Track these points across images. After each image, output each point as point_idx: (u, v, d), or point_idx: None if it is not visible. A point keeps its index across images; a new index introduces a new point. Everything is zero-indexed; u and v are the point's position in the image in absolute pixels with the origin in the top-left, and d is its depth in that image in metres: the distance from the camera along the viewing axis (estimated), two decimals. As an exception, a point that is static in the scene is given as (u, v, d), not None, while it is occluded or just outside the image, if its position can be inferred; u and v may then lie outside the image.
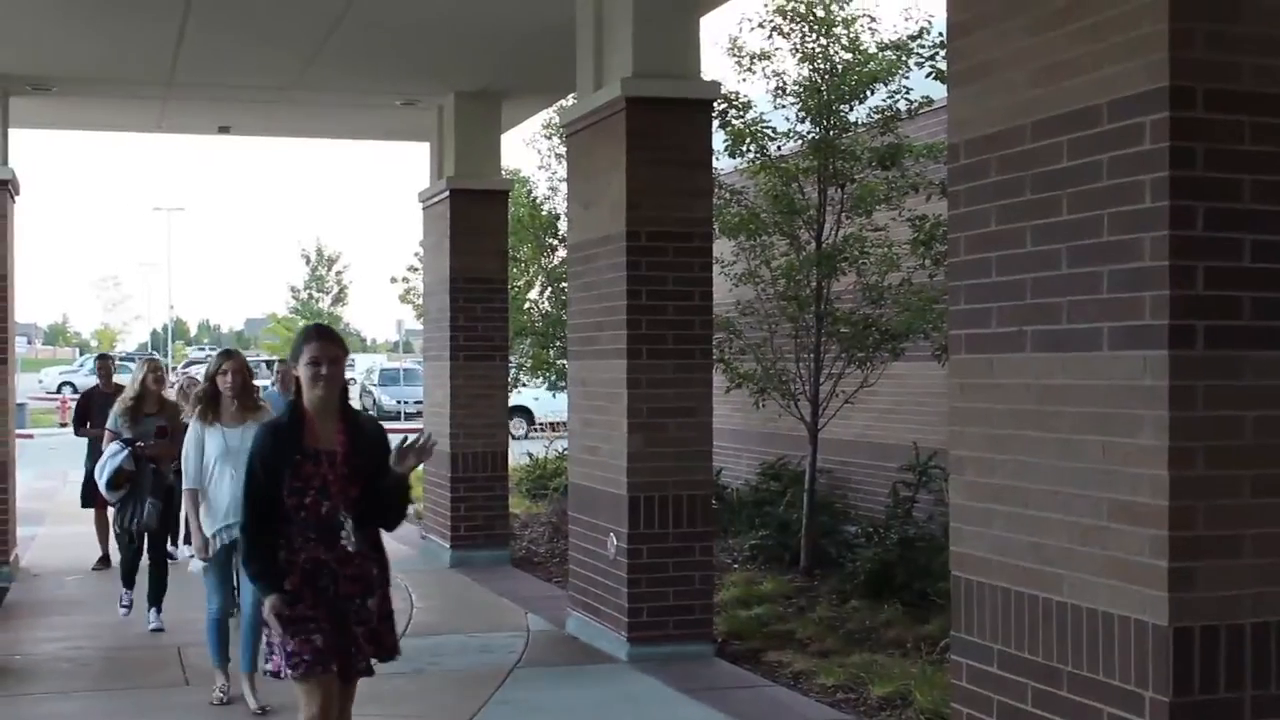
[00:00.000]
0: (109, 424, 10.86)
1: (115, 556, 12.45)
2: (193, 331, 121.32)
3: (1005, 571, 5.43)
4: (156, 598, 10.72)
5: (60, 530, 16.62)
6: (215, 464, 8.49)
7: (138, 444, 10.39)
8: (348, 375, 8.27)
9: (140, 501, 10.30)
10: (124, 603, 11.09)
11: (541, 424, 35.45)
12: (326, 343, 5.83)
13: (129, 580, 11.11)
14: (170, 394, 11.72)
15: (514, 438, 39.68)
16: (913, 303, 12.76)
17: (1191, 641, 4.64)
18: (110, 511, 11.49)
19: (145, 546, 10.78)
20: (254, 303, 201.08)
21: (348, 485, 5.71)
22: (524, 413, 38.21)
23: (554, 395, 23.96)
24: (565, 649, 10.20)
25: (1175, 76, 4.63)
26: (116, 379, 14.61)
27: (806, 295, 13.13)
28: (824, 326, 13.08)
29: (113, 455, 10.29)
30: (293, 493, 5.67)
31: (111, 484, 10.27)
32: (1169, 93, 4.63)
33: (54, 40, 12.23)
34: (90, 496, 13.50)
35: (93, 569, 13.85)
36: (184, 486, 8.68)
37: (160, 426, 10.63)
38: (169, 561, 11.01)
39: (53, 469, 24.77)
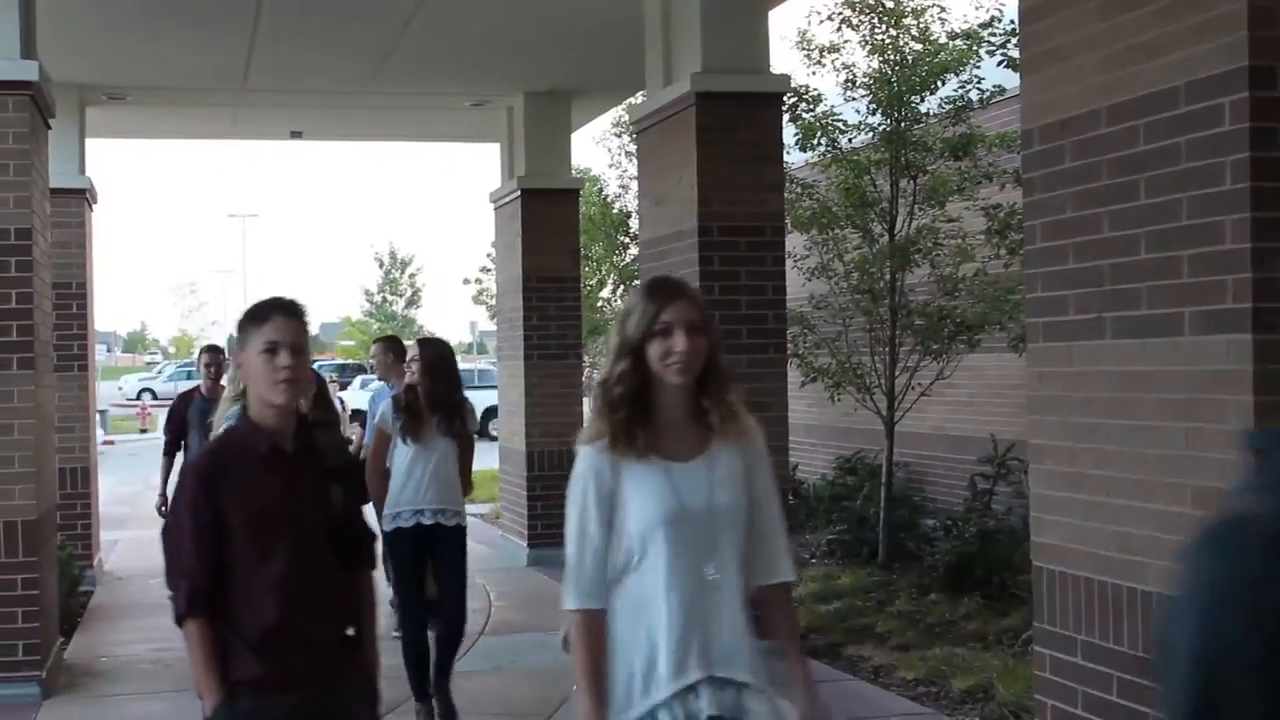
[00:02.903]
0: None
1: None
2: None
3: (1087, 561, 5.38)
4: None
5: (143, 534, 16.78)
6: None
7: None
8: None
9: None
10: None
11: None
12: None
13: None
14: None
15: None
16: (988, 293, 12.65)
17: None
18: None
19: None
20: (328, 306, 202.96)
21: None
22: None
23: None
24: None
25: (1254, 56, 4.56)
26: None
27: (880, 288, 13.05)
28: (898, 319, 13.00)
29: None
30: None
31: None
32: (1248, 73, 4.57)
33: (128, 50, 12.38)
34: None
35: None
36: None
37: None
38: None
39: (134, 474, 25.03)
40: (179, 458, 11.42)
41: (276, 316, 4.04)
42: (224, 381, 10.30)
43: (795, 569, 4.01)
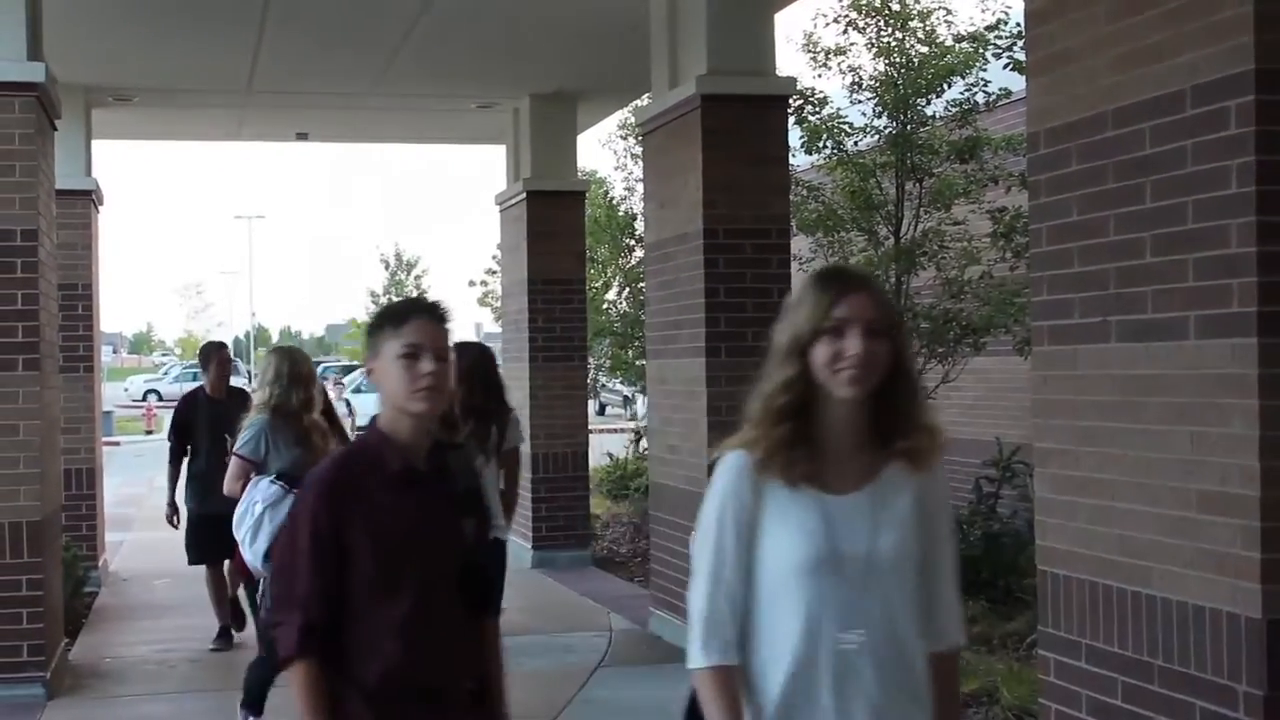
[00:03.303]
0: (245, 446, 7.43)
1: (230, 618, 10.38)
2: (274, 338, 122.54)
3: (1092, 565, 5.37)
4: None
5: (148, 535, 16.81)
6: None
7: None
8: None
9: None
10: None
11: None
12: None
13: (261, 704, 7.51)
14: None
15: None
16: (993, 296, 12.64)
17: (1286, 634, 4.56)
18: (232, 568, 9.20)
19: None
20: (334, 308, 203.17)
21: None
22: None
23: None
24: (648, 648, 10.20)
25: (1261, 60, 4.56)
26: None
27: (886, 291, 13.04)
28: (904, 322, 12.99)
29: (273, 504, 6.54)
30: None
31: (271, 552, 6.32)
32: (1254, 76, 4.56)
33: (135, 52, 12.39)
34: (203, 547, 10.11)
35: (211, 648, 10.26)
36: None
37: (325, 452, 7.17)
38: None
39: (139, 476, 25.04)
40: (190, 467, 10.43)
41: (417, 318, 3.61)
42: (252, 387, 9.20)
43: (964, 628, 3.34)
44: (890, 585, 3.07)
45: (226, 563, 9.59)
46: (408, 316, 3.63)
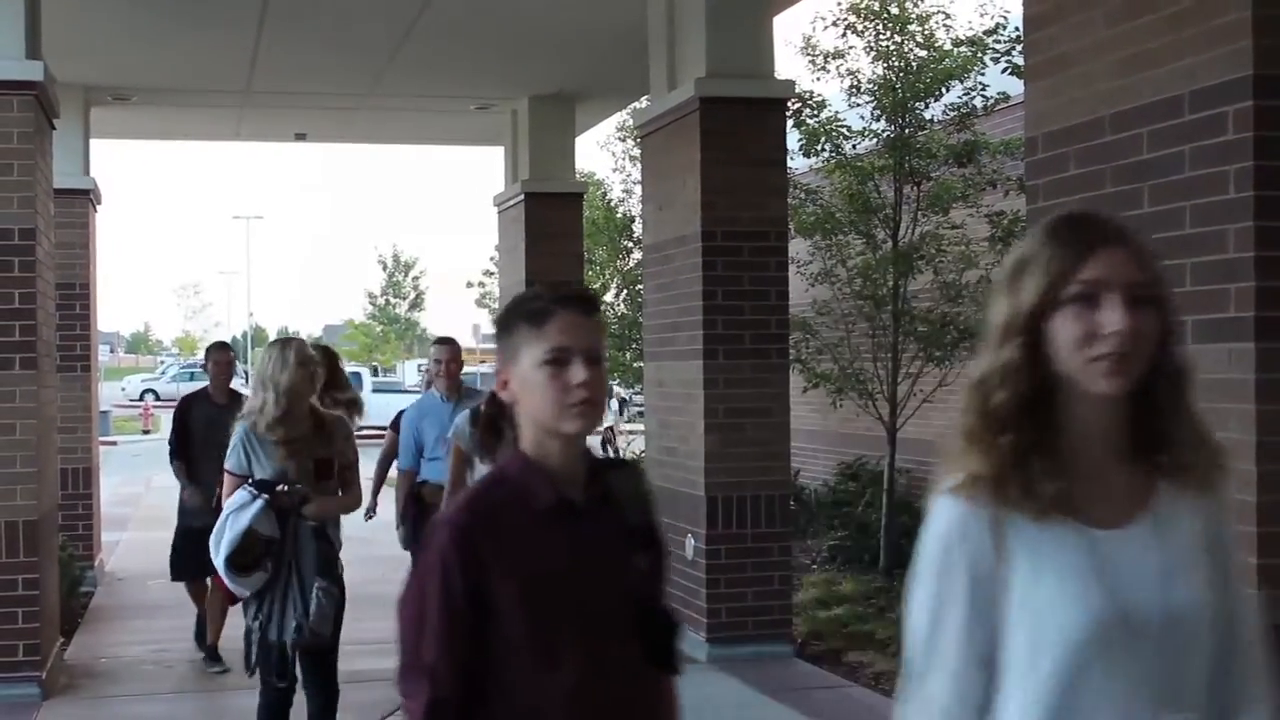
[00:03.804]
0: (229, 459, 6.34)
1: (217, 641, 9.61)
2: (272, 338, 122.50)
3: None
4: None
5: (144, 536, 16.79)
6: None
7: (280, 489, 6.17)
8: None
9: (290, 591, 6.14)
10: None
11: None
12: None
13: None
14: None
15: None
16: (991, 300, 12.65)
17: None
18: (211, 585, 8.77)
19: (305, 670, 6.33)
20: (332, 309, 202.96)
21: None
22: None
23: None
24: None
25: (1259, 65, 4.56)
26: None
27: (883, 294, 13.05)
28: (901, 325, 13.00)
29: (237, 509, 6.07)
30: None
31: (236, 562, 6.05)
32: (1252, 81, 4.56)
33: (133, 52, 12.38)
34: (187, 565, 9.59)
35: (213, 671, 9.47)
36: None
37: (321, 459, 6.37)
38: None
39: (136, 475, 25.04)
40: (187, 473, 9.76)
41: (563, 313, 2.82)
42: (245, 390, 8.53)
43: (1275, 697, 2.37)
44: (1198, 650, 2.26)
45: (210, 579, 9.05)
46: (550, 312, 2.83)
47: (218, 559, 6.03)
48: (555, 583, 2.79)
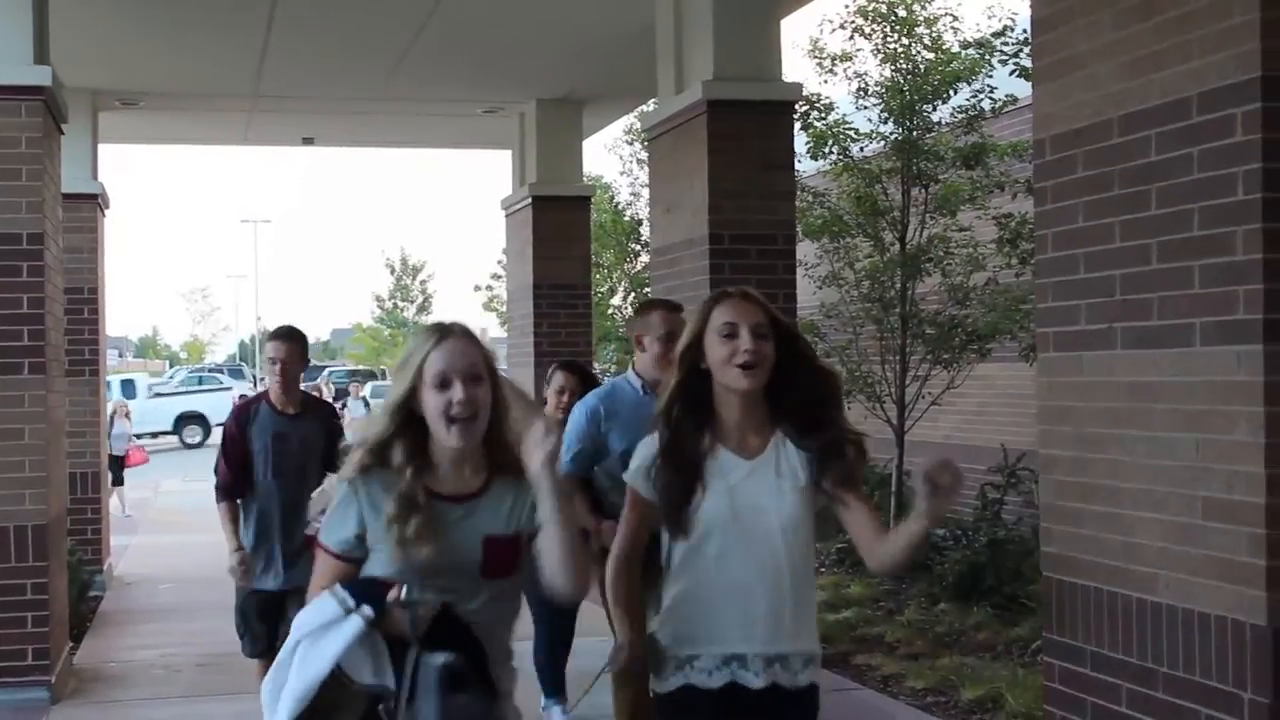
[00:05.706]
0: (326, 529, 3.75)
1: None
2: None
3: (1098, 571, 5.36)
4: None
5: (153, 540, 16.84)
6: None
7: (398, 597, 3.43)
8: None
9: None
10: None
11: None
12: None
13: None
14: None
15: (189, 446, 40.19)
16: (999, 302, 12.65)
17: (1292, 642, 4.53)
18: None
19: None
20: (340, 313, 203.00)
21: None
22: (199, 420, 40.36)
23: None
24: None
25: (1268, 66, 4.55)
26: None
27: (891, 297, 13.05)
28: (909, 328, 13.00)
29: (316, 630, 3.50)
30: None
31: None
32: (1261, 83, 4.55)
33: (141, 56, 12.40)
34: (262, 635, 7.10)
35: None
36: None
37: (495, 539, 3.62)
38: None
39: (145, 479, 25.06)
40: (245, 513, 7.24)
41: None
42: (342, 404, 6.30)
43: None
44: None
45: None
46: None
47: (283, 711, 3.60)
48: None
